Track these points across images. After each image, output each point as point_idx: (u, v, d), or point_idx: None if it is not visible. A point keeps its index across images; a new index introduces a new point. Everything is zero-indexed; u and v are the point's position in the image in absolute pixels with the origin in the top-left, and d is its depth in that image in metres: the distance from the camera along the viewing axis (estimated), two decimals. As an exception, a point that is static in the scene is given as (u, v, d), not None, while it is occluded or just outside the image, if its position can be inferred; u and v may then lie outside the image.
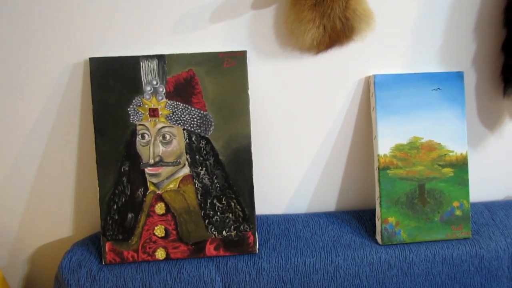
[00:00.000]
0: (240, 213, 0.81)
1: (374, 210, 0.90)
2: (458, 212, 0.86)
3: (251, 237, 0.81)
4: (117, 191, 0.78)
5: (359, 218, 0.91)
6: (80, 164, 0.86)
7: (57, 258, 0.90)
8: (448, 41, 0.87)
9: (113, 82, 0.77)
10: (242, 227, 0.81)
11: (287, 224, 0.88)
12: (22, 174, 0.86)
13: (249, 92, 0.80)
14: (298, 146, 0.89)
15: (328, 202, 0.94)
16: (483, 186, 0.97)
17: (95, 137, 0.78)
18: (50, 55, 0.80)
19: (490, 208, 0.93)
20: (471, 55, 0.88)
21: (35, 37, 0.79)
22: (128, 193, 0.79)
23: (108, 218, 0.79)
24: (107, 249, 0.79)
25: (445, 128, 0.85)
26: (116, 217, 0.79)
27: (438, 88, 0.85)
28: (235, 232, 0.81)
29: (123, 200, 0.79)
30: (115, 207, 0.79)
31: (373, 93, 0.85)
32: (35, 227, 0.89)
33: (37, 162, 0.85)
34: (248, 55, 0.82)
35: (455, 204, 0.86)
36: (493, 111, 0.93)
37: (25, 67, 0.80)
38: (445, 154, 0.85)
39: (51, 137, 0.84)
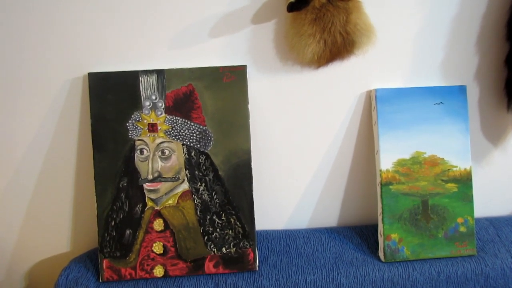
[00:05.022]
0: (240, 230, 0.79)
1: (377, 225, 0.88)
2: (462, 229, 0.84)
3: (251, 254, 0.80)
4: (115, 207, 0.77)
5: (361, 234, 0.89)
6: (79, 179, 0.85)
7: (54, 273, 0.89)
8: (450, 55, 0.86)
9: (112, 97, 0.77)
10: (242, 243, 0.79)
11: (288, 240, 0.87)
12: (21, 189, 0.85)
13: (249, 106, 0.80)
14: (299, 161, 0.88)
15: (330, 218, 0.93)
16: (488, 201, 0.95)
17: (93, 153, 0.77)
18: (49, 70, 0.80)
19: (495, 224, 0.92)
20: (474, 69, 0.88)
21: (35, 52, 0.79)
22: (126, 209, 0.78)
23: (106, 234, 0.78)
24: (104, 267, 0.78)
25: (448, 143, 0.84)
26: (114, 234, 0.78)
27: (441, 102, 0.84)
28: (234, 249, 0.79)
29: (121, 216, 0.78)
30: (113, 223, 0.78)
31: (374, 107, 0.84)
32: (33, 242, 0.88)
33: (35, 177, 0.85)
34: (248, 70, 0.81)
35: (459, 220, 0.84)
36: (497, 125, 0.92)
37: (24, 82, 0.80)
38: (449, 169, 0.84)
39: (49, 152, 0.84)
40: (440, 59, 0.86)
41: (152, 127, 0.77)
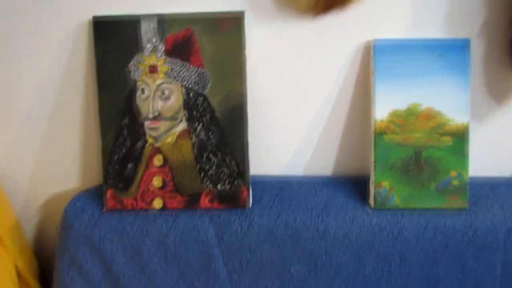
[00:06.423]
0: (235, 168, 0.83)
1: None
2: (455, 182, 0.85)
3: (245, 192, 0.84)
4: (117, 143, 0.83)
5: (355, 184, 0.91)
6: (86, 119, 0.91)
7: (65, 206, 0.96)
8: (455, 6, 0.84)
9: (115, 40, 0.81)
10: (236, 182, 0.84)
11: (282, 184, 0.90)
12: (32, 130, 0.91)
13: (246, 52, 0.82)
14: (295, 109, 0.90)
15: (325, 167, 0.95)
16: (486, 161, 0.93)
17: (98, 92, 0.82)
18: (54, 15, 0.84)
19: (492, 183, 0.90)
20: (480, 23, 0.85)
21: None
22: (128, 145, 0.83)
23: (110, 167, 0.84)
24: (108, 196, 0.84)
25: (446, 97, 0.83)
26: (117, 167, 0.84)
27: (442, 55, 0.83)
28: (229, 186, 0.84)
29: (124, 151, 0.83)
30: (116, 158, 0.83)
31: (372, 57, 0.84)
32: (45, 178, 0.95)
33: (45, 118, 0.90)
34: (246, 15, 0.83)
35: (453, 173, 0.84)
36: (501, 83, 0.89)
37: (30, 28, 0.85)
38: (445, 123, 0.84)
39: (58, 94, 0.89)
40: (444, 10, 0.84)
41: (153, 69, 0.81)
